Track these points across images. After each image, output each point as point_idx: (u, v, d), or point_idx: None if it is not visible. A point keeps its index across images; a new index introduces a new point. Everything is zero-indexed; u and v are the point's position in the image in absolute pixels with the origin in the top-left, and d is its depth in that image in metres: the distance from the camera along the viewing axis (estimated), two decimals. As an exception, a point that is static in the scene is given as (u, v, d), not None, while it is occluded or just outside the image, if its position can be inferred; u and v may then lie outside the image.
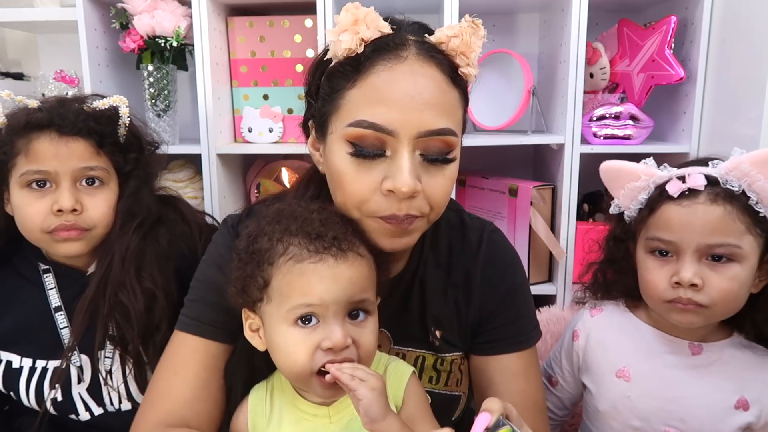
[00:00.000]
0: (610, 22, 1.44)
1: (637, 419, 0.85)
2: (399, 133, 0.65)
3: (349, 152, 0.67)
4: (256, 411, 0.72)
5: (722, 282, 0.76)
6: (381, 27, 0.68)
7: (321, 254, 0.64)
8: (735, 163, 0.77)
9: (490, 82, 1.43)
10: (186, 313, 0.79)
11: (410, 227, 0.69)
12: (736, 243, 0.76)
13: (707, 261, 0.77)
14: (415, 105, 0.65)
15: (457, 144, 0.70)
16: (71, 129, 0.87)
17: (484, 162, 1.56)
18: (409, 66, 0.67)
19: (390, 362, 0.74)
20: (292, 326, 0.64)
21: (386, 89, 0.66)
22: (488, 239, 0.83)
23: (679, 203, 0.78)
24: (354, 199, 0.68)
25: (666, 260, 0.80)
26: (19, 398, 0.93)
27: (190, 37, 1.34)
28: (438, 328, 0.81)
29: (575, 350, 0.93)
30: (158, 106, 1.38)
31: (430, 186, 0.68)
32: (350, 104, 0.68)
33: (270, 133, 1.40)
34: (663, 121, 1.45)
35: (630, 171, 0.85)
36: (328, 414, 0.69)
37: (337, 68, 0.69)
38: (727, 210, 0.75)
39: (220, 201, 1.38)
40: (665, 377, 0.84)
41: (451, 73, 0.69)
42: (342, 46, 0.67)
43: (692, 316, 0.78)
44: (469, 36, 0.69)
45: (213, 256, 0.80)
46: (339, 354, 0.63)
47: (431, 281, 0.82)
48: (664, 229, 0.79)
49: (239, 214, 0.83)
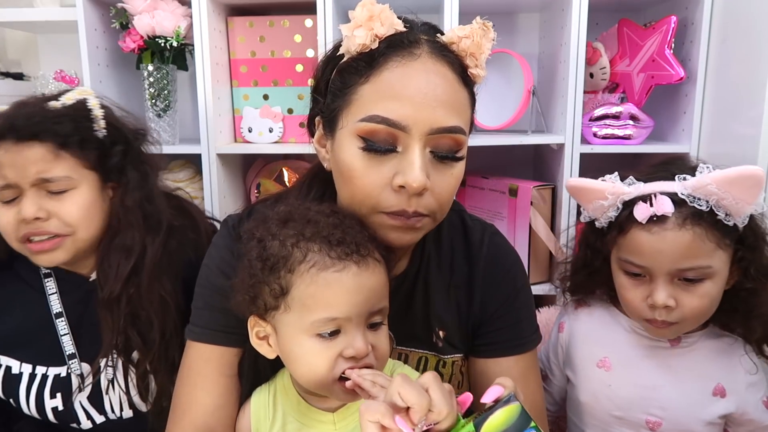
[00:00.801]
0: (610, 22, 1.44)
1: (617, 408, 0.88)
2: (411, 129, 0.66)
3: (361, 147, 0.67)
4: (258, 415, 0.72)
5: (694, 300, 0.79)
6: (395, 24, 0.69)
7: (344, 261, 0.63)
8: (701, 183, 0.77)
9: (490, 82, 1.42)
10: (195, 321, 0.78)
11: (418, 225, 0.69)
12: (707, 264, 0.77)
13: (680, 281, 0.79)
14: (428, 102, 0.66)
15: (465, 143, 0.70)
16: (26, 134, 0.82)
17: (484, 162, 1.55)
18: (422, 63, 0.67)
19: (396, 367, 0.74)
20: (313, 337, 0.63)
21: (400, 85, 0.66)
22: (490, 241, 0.83)
23: (647, 229, 0.79)
24: (363, 194, 0.68)
25: (640, 280, 0.82)
26: (18, 405, 0.92)
27: (190, 37, 1.34)
28: (442, 329, 0.81)
29: (560, 342, 0.96)
30: (158, 106, 1.38)
31: (438, 184, 0.69)
32: (363, 99, 0.68)
33: (270, 133, 1.40)
34: (663, 121, 1.45)
35: (596, 189, 0.85)
36: (333, 420, 0.69)
37: (349, 63, 0.70)
38: (696, 233, 0.76)
39: (220, 201, 1.38)
40: (644, 366, 0.87)
41: (462, 73, 0.70)
42: (356, 41, 0.68)
43: (667, 332, 0.83)
44: (479, 38, 0.70)
45: (215, 259, 0.79)
46: (360, 361, 0.63)
47: (435, 281, 0.81)
48: (636, 254, 0.81)
49: (239, 214, 0.83)
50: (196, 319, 0.78)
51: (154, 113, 1.38)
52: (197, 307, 0.79)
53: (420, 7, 1.45)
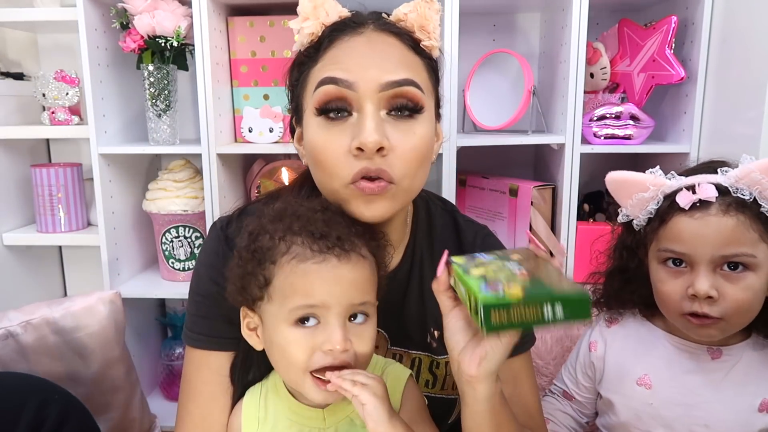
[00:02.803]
0: (610, 22, 1.44)
1: (660, 427, 0.84)
2: (359, 87, 0.67)
3: (316, 115, 0.69)
4: (249, 413, 0.72)
5: (737, 293, 0.75)
6: (340, 12, 0.73)
7: (324, 254, 0.64)
8: (745, 171, 0.75)
9: (490, 82, 1.43)
10: (189, 326, 0.79)
11: (385, 190, 0.68)
12: (751, 252, 0.74)
13: (722, 271, 0.76)
14: (375, 62, 0.68)
15: (422, 99, 0.70)
16: None
17: (484, 162, 1.55)
18: (366, 37, 0.70)
19: (387, 365, 0.74)
20: (292, 326, 0.64)
21: (344, 55, 0.69)
22: (482, 242, 0.83)
23: (690, 215, 0.76)
24: (329, 168, 0.69)
25: (680, 271, 0.78)
26: None
27: (191, 37, 1.34)
28: (437, 329, 0.81)
29: (592, 360, 0.91)
30: (158, 106, 1.38)
31: (399, 143, 0.68)
32: (313, 76, 0.71)
33: (270, 133, 1.40)
34: (663, 121, 1.45)
35: (637, 181, 0.82)
36: (323, 417, 0.69)
37: (303, 54, 0.74)
38: (740, 220, 0.74)
39: (221, 201, 1.38)
40: (687, 383, 0.83)
41: (413, 45, 0.72)
42: (305, 32, 0.72)
43: (711, 330, 0.77)
44: (424, 9, 0.72)
45: (205, 265, 0.80)
46: (338, 357, 0.63)
47: (429, 281, 0.81)
48: (677, 242, 0.78)
49: (229, 216, 0.83)
50: (190, 325, 0.80)
51: (154, 113, 1.38)
52: (191, 313, 0.80)
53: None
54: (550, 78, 1.46)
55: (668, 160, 1.40)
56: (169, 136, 1.39)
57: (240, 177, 1.55)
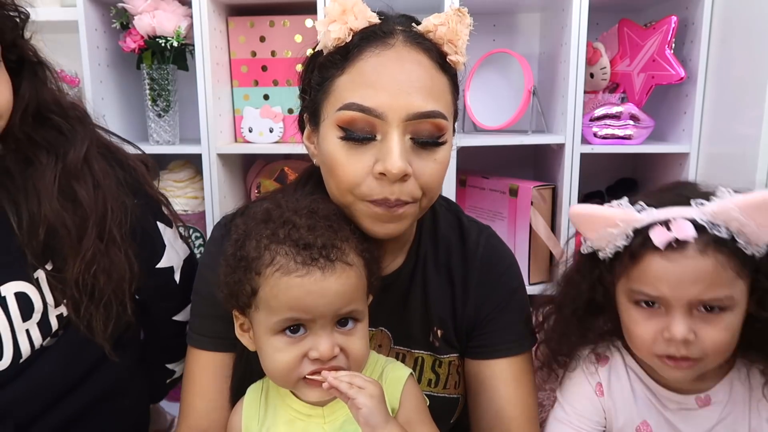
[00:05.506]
0: (610, 22, 1.44)
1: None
2: (388, 116, 0.66)
3: (340, 137, 0.68)
4: (249, 411, 0.73)
5: (715, 333, 0.71)
6: (369, 17, 0.70)
7: (308, 266, 0.63)
8: (723, 208, 0.70)
9: (490, 82, 1.43)
10: (192, 327, 0.81)
11: (401, 212, 0.69)
12: (729, 294, 0.71)
13: (699, 312, 0.71)
14: (404, 89, 0.67)
15: (447, 128, 0.70)
16: None
17: (484, 162, 1.55)
18: (396, 52, 0.68)
19: (387, 364, 0.74)
20: (278, 335, 0.65)
21: (374, 73, 0.67)
22: (486, 243, 0.83)
23: (665, 257, 0.70)
24: (346, 183, 0.69)
25: (653, 311, 0.74)
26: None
27: (191, 37, 1.34)
28: (440, 328, 0.81)
29: (603, 406, 0.85)
30: (158, 106, 1.38)
31: (421, 170, 0.69)
32: (339, 89, 0.69)
33: (270, 133, 1.40)
34: (663, 121, 1.44)
35: (605, 217, 0.75)
36: (323, 414, 0.69)
37: (327, 58, 0.71)
38: (718, 260, 0.70)
39: (221, 201, 1.38)
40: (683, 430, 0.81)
41: (440, 60, 0.71)
42: (331, 36, 0.69)
43: (686, 372, 0.74)
44: (455, 24, 0.71)
45: (207, 265, 0.80)
46: (327, 364, 0.64)
47: (432, 280, 0.82)
48: (651, 285, 0.72)
49: (233, 214, 0.83)
50: (192, 325, 0.81)
51: (154, 113, 1.38)
52: (194, 314, 0.81)
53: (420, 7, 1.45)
54: (550, 78, 1.46)
55: (668, 160, 1.40)
56: (169, 136, 1.40)
57: (240, 177, 1.55)
